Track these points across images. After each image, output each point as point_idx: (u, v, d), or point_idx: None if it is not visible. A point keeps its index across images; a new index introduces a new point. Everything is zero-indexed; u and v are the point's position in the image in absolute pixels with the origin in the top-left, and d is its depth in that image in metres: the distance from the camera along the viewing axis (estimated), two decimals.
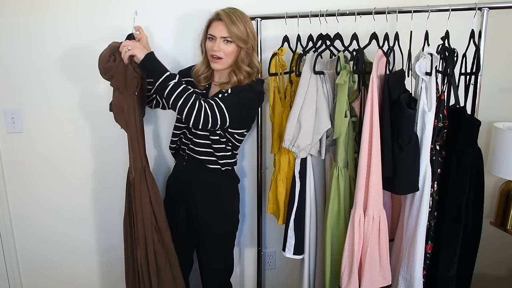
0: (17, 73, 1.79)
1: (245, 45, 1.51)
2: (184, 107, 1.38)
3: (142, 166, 1.58)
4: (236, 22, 1.48)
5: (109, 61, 1.44)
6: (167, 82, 1.39)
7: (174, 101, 1.39)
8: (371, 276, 1.47)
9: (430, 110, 1.38)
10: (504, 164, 1.65)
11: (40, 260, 2.02)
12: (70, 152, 1.91)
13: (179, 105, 1.39)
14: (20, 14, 1.73)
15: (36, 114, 1.84)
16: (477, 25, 1.45)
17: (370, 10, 1.51)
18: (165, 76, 1.39)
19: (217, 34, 1.50)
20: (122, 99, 1.50)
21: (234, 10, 1.53)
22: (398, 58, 1.52)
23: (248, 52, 1.55)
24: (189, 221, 1.72)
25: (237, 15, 1.50)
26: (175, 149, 1.75)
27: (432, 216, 1.48)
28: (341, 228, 1.58)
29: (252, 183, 2.04)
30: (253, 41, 1.56)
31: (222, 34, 1.49)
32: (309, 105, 1.52)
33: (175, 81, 1.40)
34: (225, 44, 1.50)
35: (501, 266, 2.11)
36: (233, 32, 1.47)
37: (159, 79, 1.39)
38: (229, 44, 1.50)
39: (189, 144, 1.64)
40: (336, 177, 1.56)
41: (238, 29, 1.47)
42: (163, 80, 1.39)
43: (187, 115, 1.39)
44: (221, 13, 1.50)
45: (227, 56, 1.52)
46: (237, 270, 2.20)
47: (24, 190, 1.93)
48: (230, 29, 1.47)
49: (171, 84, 1.39)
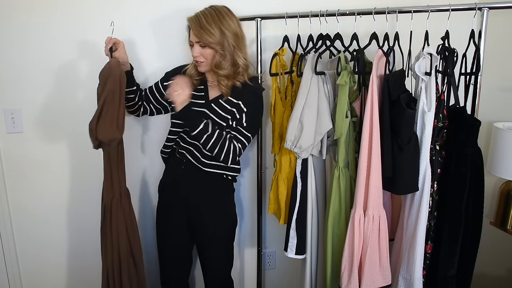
0: (17, 73, 1.79)
1: (220, 47, 1.49)
2: (221, 153, 1.51)
3: (120, 192, 1.57)
4: (205, 26, 1.46)
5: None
6: (205, 129, 1.48)
7: (207, 144, 1.50)
8: (371, 276, 1.47)
9: (430, 110, 1.38)
10: (504, 164, 1.65)
11: (40, 260, 2.02)
12: (70, 152, 1.91)
13: (216, 152, 1.51)
14: (19, 15, 1.73)
15: (36, 114, 1.84)
16: (477, 25, 1.45)
17: (370, 10, 1.51)
18: (202, 125, 1.48)
19: (192, 39, 1.52)
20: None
21: (207, 11, 1.49)
22: (398, 58, 1.52)
23: (225, 53, 1.50)
24: (189, 224, 1.71)
25: (208, 17, 1.47)
26: (168, 154, 1.73)
27: (432, 216, 1.48)
28: (342, 228, 1.58)
29: (252, 183, 2.04)
30: (234, 38, 1.51)
31: (196, 40, 1.50)
32: (310, 105, 1.52)
33: (206, 125, 1.49)
34: (201, 48, 1.51)
35: (501, 266, 2.11)
36: (202, 38, 1.47)
37: (196, 128, 1.48)
38: (205, 48, 1.51)
39: (193, 151, 1.61)
40: (337, 177, 1.56)
41: (208, 33, 1.46)
42: (200, 130, 1.48)
43: (224, 159, 1.53)
44: (190, 20, 1.50)
45: (207, 59, 1.53)
46: (237, 270, 2.20)
47: (24, 190, 1.93)
48: (199, 36, 1.48)
49: (205, 128, 1.48)
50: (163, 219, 1.76)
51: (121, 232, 1.57)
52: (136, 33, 1.79)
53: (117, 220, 1.56)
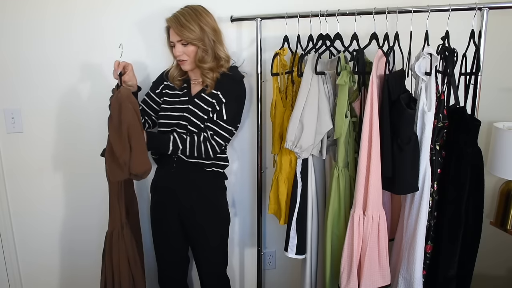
0: (17, 73, 1.79)
1: (201, 43, 1.54)
2: (201, 154, 1.59)
3: (121, 223, 1.57)
4: (185, 24, 1.50)
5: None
6: (175, 147, 1.56)
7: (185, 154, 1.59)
8: (370, 276, 1.47)
9: (429, 110, 1.38)
10: (504, 164, 1.65)
11: (40, 259, 2.02)
12: (70, 152, 1.91)
13: (196, 155, 1.59)
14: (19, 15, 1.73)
15: (36, 114, 1.85)
16: (477, 25, 1.45)
17: (370, 10, 1.50)
18: (171, 146, 1.55)
19: (174, 40, 1.55)
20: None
21: (184, 10, 1.54)
22: (398, 58, 1.52)
23: (207, 48, 1.56)
24: (183, 224, 1.72)
25: (186, 16, 1.51)
26: (159, 154, 1.73)
27: (432, 216, 1.48)
28: (342, 228, 1.58)
29: (252, 183, 2.04)
30: (213, 33, 1.57)
31: (177, 39, 1.53)
32: (311, 105, 1.52)
33: (175, 144, 1.55)
34: (183, 46, 1.54)
35: (501, 266, 2.11)
36: (184, 35, 1.51)
37: (168, 150, 1.56)
38: (187, 46, 1.54)
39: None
40: (336, 177, 1.56)
41: (188, 30, 1.50)
42: (172, 150, 1.56)
43: (206, 157, 1.61)
44: (169, 20, 1.54)
45: (190, 56, 1.57)
46: (237, 270, 2.20)
47: (24, 190, 1.93)
48: (180, 34, 1.51)
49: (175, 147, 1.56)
50: (157, 222, 1.77)
51: (123, 264, 1.57)
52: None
53: (118, 250, 1.55)
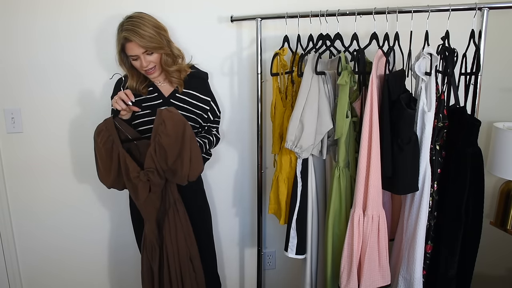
0: (17, 73, 1.79)
1: (163, 46, 1.54)
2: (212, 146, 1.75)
3: (174, 199, 1.57)
4: (143, 33, 1.47)
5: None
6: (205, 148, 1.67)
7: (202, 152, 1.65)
8: (370, 276, 1.47)
9: (429, 110, 1.38)
10: (504, 164, 1.65)
11: (40, 259, 2.03)
12: (70, 152, 1.91)
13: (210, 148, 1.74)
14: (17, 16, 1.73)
15: (36, 114, 1.85)
16: (477, 25, 1.45)
17: (370, 10, 1.51)
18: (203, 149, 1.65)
19: (137, 53, 1.51)
20: None
21: (134, 21, 1.48)
22: (398, 58, 1.52)
23: (168, 51, 1.57)
24: None
25: (140, 24, 1.48)
26: None
27: (432, 216, 1.48)
28: (342, 228, 1.58)
29: (252, 183, 2.04)
30: (165, 34, 1.57)
31: (141, 51, 1.51)
32: (311, 105, 1.52)
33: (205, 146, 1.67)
34: (149, 55, 1.53)
35: (501, 266, 2.11)
36: (148, 46, 1.49)
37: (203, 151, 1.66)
38: (152, 54, 1.54)
39: None
40: (337, 177, 1.56)
41: (150, 38, 1.48)
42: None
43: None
44: (127, 35, 1.47)
45: (157, 63, 1.58)
46: (237, 270, 2.20)
47: (24, 189, 1.93)
48: (144, 45, 1.49)
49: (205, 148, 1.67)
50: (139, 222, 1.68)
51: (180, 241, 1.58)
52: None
53: (176, 228, 1.57)
